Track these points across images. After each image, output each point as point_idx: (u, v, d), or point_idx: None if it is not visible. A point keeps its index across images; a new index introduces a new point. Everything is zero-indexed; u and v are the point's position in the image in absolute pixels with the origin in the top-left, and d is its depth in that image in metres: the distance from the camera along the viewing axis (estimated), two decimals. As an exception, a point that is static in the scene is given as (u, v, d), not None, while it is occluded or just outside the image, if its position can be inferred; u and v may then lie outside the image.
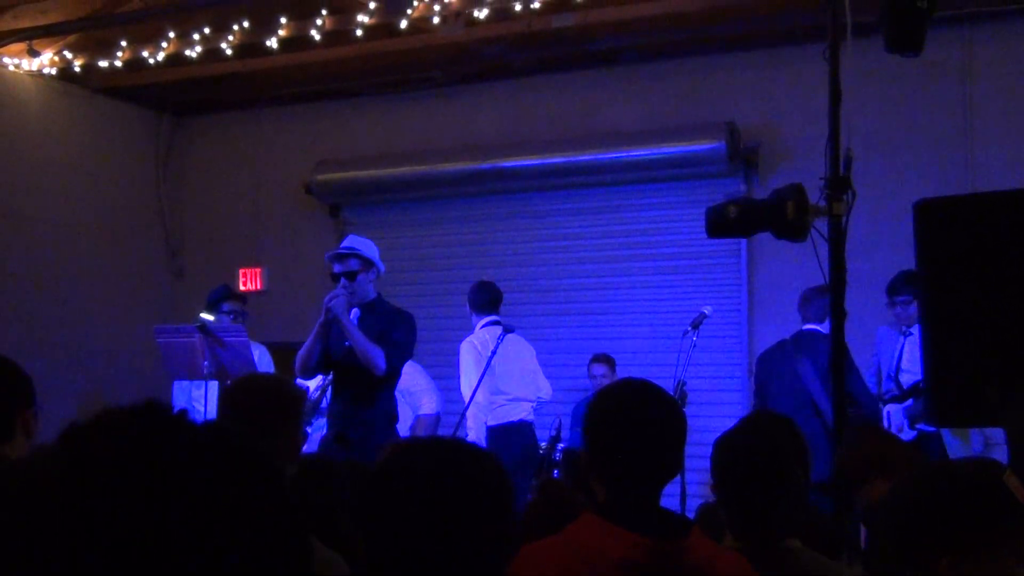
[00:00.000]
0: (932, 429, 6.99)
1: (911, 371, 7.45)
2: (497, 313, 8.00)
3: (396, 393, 6.67)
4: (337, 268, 6.49)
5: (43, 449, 1.13)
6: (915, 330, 7.47)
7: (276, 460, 1.15)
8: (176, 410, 1.13)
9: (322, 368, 6.56)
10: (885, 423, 7.41)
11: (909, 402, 7.37)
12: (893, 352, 7.54)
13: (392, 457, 2.25)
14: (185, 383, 7.80)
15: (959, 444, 6.80)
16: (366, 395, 6.34)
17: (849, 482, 4.08)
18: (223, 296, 8.20)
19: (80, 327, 10.27)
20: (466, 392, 7.71)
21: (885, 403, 7.47)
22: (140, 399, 1.13)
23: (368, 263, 6.50)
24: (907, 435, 7.18)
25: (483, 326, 7.94)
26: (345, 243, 6.66)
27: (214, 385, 7.29)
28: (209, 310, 8.01)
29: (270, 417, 3.52)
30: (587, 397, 8.74)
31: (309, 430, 7.03)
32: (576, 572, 2.57)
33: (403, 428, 7.25)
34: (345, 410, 6.37)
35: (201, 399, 7.24)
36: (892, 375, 7.56)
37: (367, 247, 6.57)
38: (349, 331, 6.25)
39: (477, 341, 7.86)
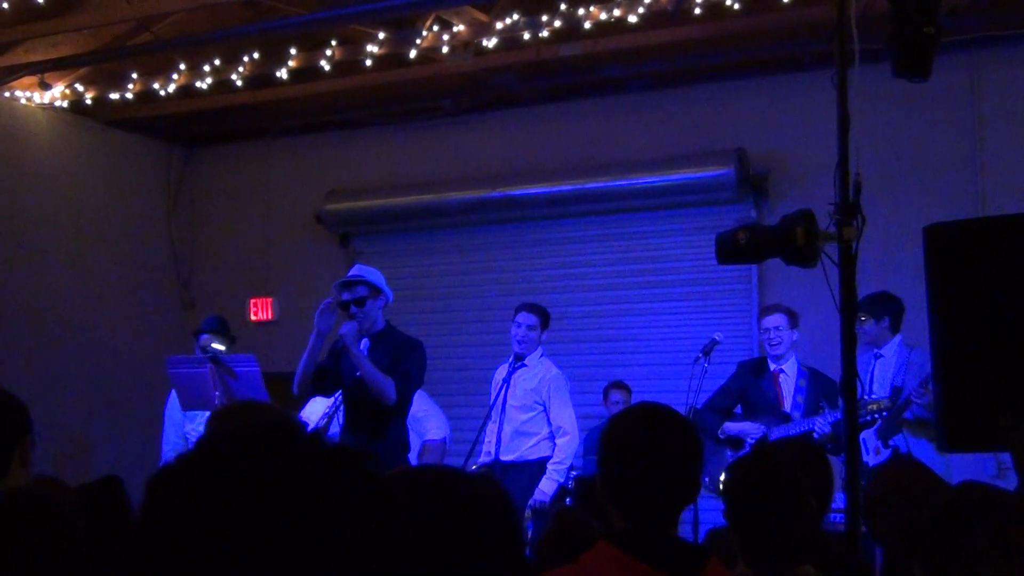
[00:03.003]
0: (904, 449, 7.08)
1: (880, 393, 7.46)
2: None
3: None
4: (345, 296, 6.49)
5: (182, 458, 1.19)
6: (885, 352, 7.50)
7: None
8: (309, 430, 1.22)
9: (323, 388, 6.60)
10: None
11: (879, 423, 7.39)
12: (864, 376, 7.52)
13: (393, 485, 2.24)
14: (196, 413, 7.79)
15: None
16: (378, 425, 6.32)
17: (870, 508, 4.06)
18: (206, 328, 8.18)
19: (91, 357, 10.28)
20: (570, 425, 7.65)
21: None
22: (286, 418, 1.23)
23: (376, 290, 6.50)
24: (884, 455, 7.21)
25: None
26: (352, 271, 6.67)
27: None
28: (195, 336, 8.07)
29: None
30: (600, 424, 8.74)
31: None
32: None
33: (410, 454, 7.22)
34: (357, 441, 6.35)
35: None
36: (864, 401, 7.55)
37: (374, 275, 6.58)
38: (359, 361, 6.24)
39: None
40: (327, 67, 9.19)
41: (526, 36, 8.62)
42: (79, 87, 9.92)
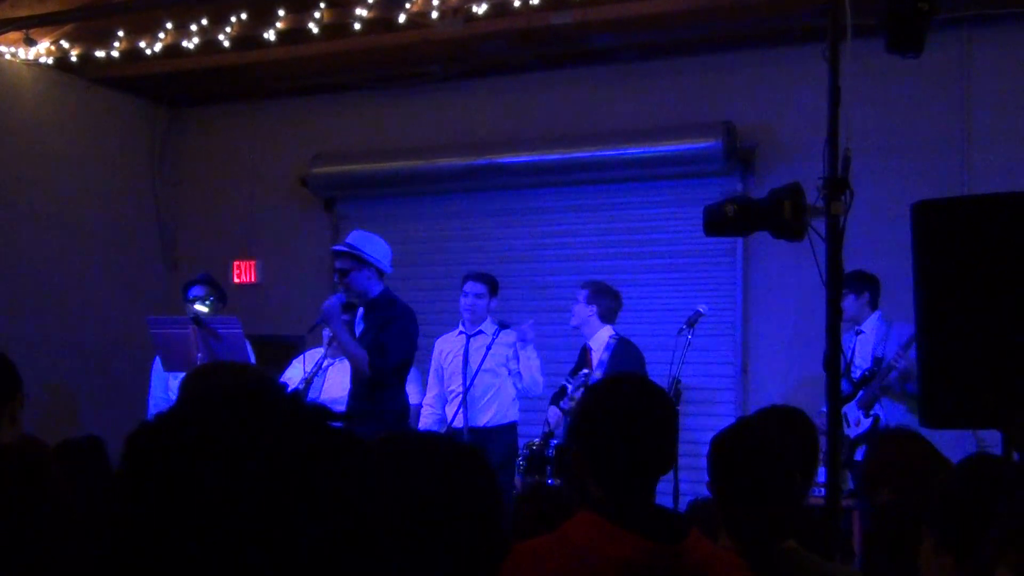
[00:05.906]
0: (883, 416, 7.32)
1: (861, 366, 7.58)
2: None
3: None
4: (337, 264, 6.61)
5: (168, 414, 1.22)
6: (865, 328, 7.66)
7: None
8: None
9: None
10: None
11: (861, 394, 7.48)
12: (847, 352, 7.61)
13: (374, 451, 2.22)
14: (180, 374, 7.76)
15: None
16: (368, 392, 6.39)
17: (871, 481, 4.06)
18: (192, 282, 8.13)
19: (74, 318, 10.24)
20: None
21: None
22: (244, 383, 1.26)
23: (361, 262, 6.53)
24: (865, 425, 7.36)
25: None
26: (348, 239, 6.70)
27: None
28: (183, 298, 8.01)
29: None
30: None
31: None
32: (575, 572, 2.54)
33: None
34: (354, 407, 6.44)
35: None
36: (843, 374, 7.64)
37: (367, 244, 6.61)
38: (336, 334, 6.39)
39: None
40: (315, 30, 9.13)
41: (516, 3, 8.58)
42: (64, 44, 9.84)
